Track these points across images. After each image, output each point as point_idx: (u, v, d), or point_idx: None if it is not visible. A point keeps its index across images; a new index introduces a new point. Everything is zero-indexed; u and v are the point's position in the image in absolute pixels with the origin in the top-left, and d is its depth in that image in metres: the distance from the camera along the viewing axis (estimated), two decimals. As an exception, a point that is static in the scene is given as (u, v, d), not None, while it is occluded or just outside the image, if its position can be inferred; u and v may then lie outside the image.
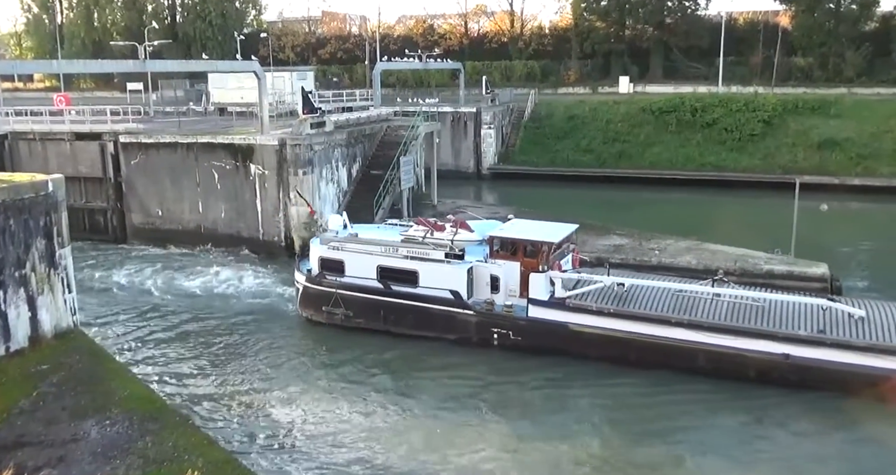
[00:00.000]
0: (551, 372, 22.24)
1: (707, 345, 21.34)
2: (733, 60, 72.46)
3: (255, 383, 22.02)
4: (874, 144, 51.36)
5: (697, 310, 22.06)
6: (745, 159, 52.98)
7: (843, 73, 68.30)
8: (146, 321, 27.25)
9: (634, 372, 21.77)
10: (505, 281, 23.78)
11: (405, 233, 25.77)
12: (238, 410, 20.39)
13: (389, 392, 21.53)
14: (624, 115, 58.33)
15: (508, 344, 23.49)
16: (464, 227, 25.58)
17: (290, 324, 26.63)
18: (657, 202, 46.97)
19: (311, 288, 26.03)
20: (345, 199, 37.62)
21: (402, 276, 24.59)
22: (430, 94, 66.38)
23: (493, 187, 54.36)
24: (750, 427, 19.35)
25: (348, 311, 25.25)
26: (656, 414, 20.00)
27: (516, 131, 59.84)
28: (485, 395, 21.23)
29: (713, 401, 20.47)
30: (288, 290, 29.57)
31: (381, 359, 23.55)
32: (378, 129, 41.62)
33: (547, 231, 24.42)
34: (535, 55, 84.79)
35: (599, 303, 22.75)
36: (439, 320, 24.20)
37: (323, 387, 21.87)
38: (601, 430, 19.18)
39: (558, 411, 20.21)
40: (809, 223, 26.25)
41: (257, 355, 24.09)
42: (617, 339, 22.28)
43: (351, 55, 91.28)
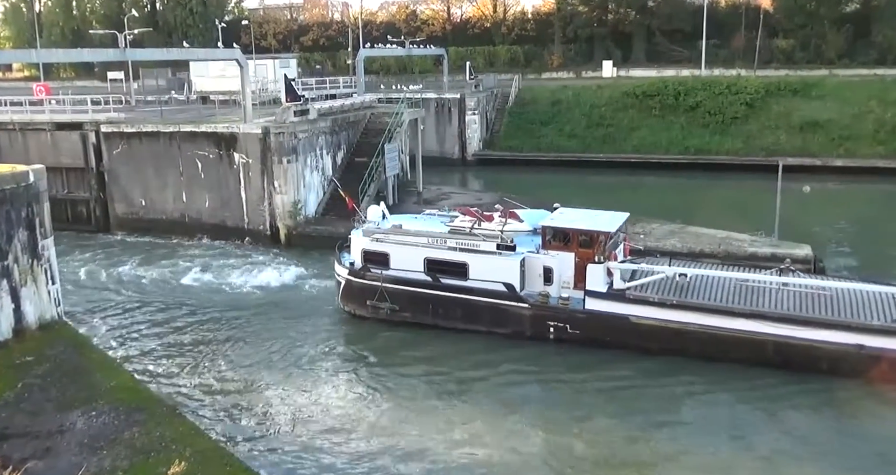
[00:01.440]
0: (614, 367, 21.50)
1: (775, 337, 20.65)
2: (716, 43, 72.61)
3: (248, 374, 21.96)
4: (855, 126, 51.68)
5: (764, 301, 21.41)
6: (728, 142, 53.17)
7: (824, 54, 68.65)
8: (131, 312, 27.14)
9: (700, 365, 21.07)
10: (559, 272, 22.92)
11: (450, 223, 25.00)
12: (230, 401, 20.29)
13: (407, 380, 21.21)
14: (608, 99, 58.36)
15: (565, 337, 22.71)
16: (513, 217, 24.74)
17: (282, 313, 26.49)
18: (641, 186, 47.12)
19: (355, 281, 25.06)
20: (330, 186, 37.51)
21: (451, 269, 23.74)
22: (414, 81, 66.11)
23: (478, 173, 54.35)
24: (831, 422, 18.69)
25: (394, 305, 24.39)
26: (729, 411, 19.18)
27: (501, 117, 59.78)
28: (547, 391, 20.65)
29: (782, 396, 19.83)
30: (271, 280, 29.59)
31: (419, 355, 22.95)
32: (362, 116, 41.46)
33: (600, 220, 23.49)
34: (518, 40, 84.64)
35: (661, 294, 21.99)
36: (491, 314, 23.38)
37: (327, 377, 21.88)
38: (672, 429, 18.45)
39: (631, 411, 19.30)
40: (792, 205, 26.45)
41: (248, 345, 23.97)
42: (681, 332, 21.57)
43: (334, 42, 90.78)
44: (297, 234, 34.75)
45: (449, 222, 25.28)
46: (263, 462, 17.08)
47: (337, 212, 36.32)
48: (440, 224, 25.46)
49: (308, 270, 30.76)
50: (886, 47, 66.98)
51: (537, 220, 24.65)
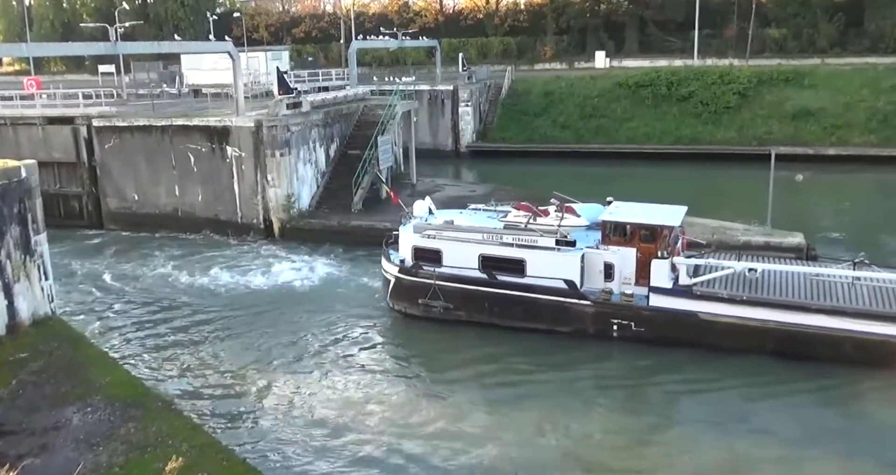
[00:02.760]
0: (685, 365, 20.99)
1: (854, 333, 20.09)
2: (708, 33, 72.56)
3: (248, 369, 21.91)
4: (847, 114, 51.81)
5: (838, 296, 20.92)
6: (721, 132, 53.27)
7: (816, 43, 68.69)
8: (125, 307, 27.08)
9: (775, 363, 20.61)
10: (619, 268, 22.29)
11: (504, 219, 24.32)
12: (228, 396, 20.27)
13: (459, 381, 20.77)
14: (600, 90, 58.33)
15: (629, 335, 22.09)
16: (570, 212, 23.98)
17: (276, 307, 26.49)
18: (635, 176, 47.11)
19: (405, 279, 24.33)
20: (323, 179, 37.46)
21: (508, 265, 23.04)
22: (407, 73, 65.94)
23: (471, 165, 54.29)
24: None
25: (448, 304, 23.70)
26: (812, 411, 18.72)
27: (494, 108, 59.69)
28: (619, 394, 20.10)
29: (866, 395, 19.40)
30: (264, 275, 29.59)
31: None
32: (355, 108, 41.37)
33: (661, 214, 22.81)
34: (511, 31, 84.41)
35: (730, 290, 21.45)
36: (551, 311, 22.74)
37: (329, 372, 21.90)
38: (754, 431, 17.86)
39: (709, 415, 18.72)
40: (785, 193, 26.55)
41: (250, 339, 23.89)
42: (753, 329, 20.97)
43: (326, 34, 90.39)
44: (290, 227, 34.69)
45: (502, 217, 24.48)
46: (263, 458, 17.09)
47: (330, 205, 36.35)
48: (488, 219, 24.88)
49: (303, 263, 30.73)
50: (878, 36, 67.05)
51: (591, 214, 24.19)
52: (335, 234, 33.74)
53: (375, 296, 26.60)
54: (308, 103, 37.14)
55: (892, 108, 51.15)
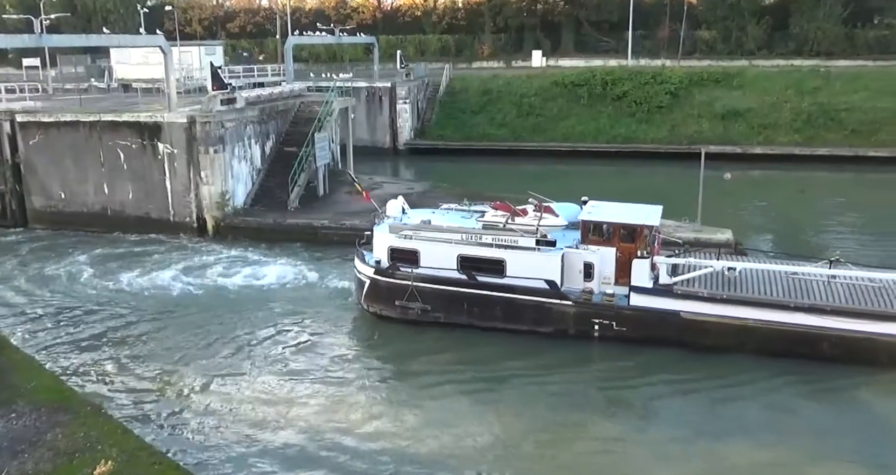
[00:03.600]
0: (666, 365, 21.01)
1: (832, 330, 20.37)
2: (641, 34, 74.06)
3: (181, 371, 21.46)
4: (774, 114, 53.55)
5: (816, 294, 21.13)
6: (654, 131, 54.46)
7: (744, 45, 70.80)
8: (51, 309, 26.18)
9: (754, 361, 20.76)
10: (599, 268, 22.28)
11: (482, 219, 23.91)
12: (160, 399, 19.79)
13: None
14: (537, 88, 58.97)
15: (611, 335, 22.07)
16: (548, 212, 23.78)
17: (212, 308, 26.01)
18: (571, 174, 47.77)
19: (381, 281, 23.88)
20: (258, 177, 36.93)
21: (487, 266, 22.77)
22: (344, 69, 65.46)
23: (409, 162, 54.26)
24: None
25: (426, 305, 23.36)
26: (791, 409, 18.88)
27: (432, 106, 59.76)
28: (607, 395, 19.92)
29: (841, 390, 19.73)
30: (197, 275, 29.03)
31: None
32: (291, 105, 40.88)
33: (639, 213, 22.84)
34: (449, 29, 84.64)
35: (711, 288, 21.54)
36: (531, 312, 22.60)
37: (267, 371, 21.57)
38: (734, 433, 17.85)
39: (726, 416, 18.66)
40: (715, 191, 27.28)
41: (182, 341, 23.38)
42: (733, 327, 21.14)
43: (261, 29, 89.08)
44: (225, 225, 34.10)
45: (479, 218, 24.11)
46: (199, 462, 16.74)
47: (266, 202, 35.85)
48: (464, 219, 24.59)
49: (239, 261, 30.25)
50: (803, 39, 69.48)
51: (567, 213, 24.15)
52: (271, 232, 33.32)
53: (349, 299, 26.00)
54: (243, 99, 36.55)
55: (816, 108, 53.09)
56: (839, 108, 52.79)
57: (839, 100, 53.45)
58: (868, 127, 51.50)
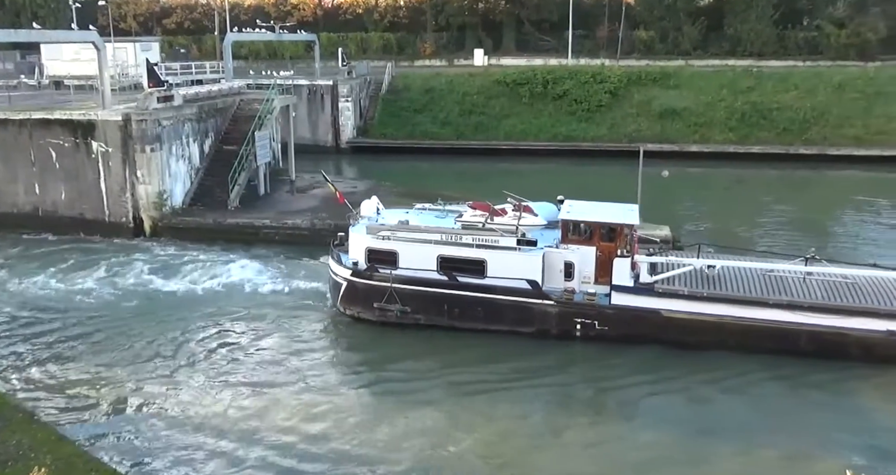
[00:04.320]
0: (647, 363, 21.12)
1: (809, 326, 20.82)
2: (581, 34, 75.09)
3: (120, 375, 20.94)
4: (709, 113, 54.94)
5: (793, 291, 21.55)
6: (594, 129, 55.30)
7: (681, 46, 72.38)
8: (-19, 313, 25.29)
9: (734, 358, 21.08)
10: (580, 267, 22.31)
11: (461, 219, 23.81)
12: (96, 405, 19.28)
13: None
14: (479, 87, 59.29)
15: (593, 334, 22.12)
16: (527, 211, 23.83)
17: (152, 311, 25.46)
18: (514, 173, 48.19)
19: (359, 283, 23.54)
20: (197, 176, 36.27)
21: (467, 266, 22.62)
22: (285, 67, 64.70)
23: (352, 161, 53.97)
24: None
25: (405, 307, 23.10)
26: (769, 403, 19.21)
27: (374, 104, 59.54)
28: (589, 394, 20.10)
29: (821, 384, 20.05)
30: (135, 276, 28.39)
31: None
32: (231, 102, 40.26)
33: (618, 212, 22.90)
34: (390, 27, 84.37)
35: (690, 287, 21.76)
36: (513, 312, 22.55)
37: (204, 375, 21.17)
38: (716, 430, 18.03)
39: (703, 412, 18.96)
40: (653, 188, 27.66)
41: (120, 345, 22.81)
42: (714, 324, 21.41)
43: (199, 25, 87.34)
44: (162, 225, 33.40)
45: (458, 218, 24.03)
46: (138, 467, 16.37)
47: (206, 202, 35.26)
48: (438, 218, 24.43)
49: (178, 262, 29.67)
50: (736, 40, 71.36)
51: (544, 213, 24.15)
52: (211, 232, 32.76)
53: (325, 301, 25.58)
54: (180, 97, 35.85)
55: (749, 107, 54.64)
56: (771, 107, 54.45)
57: (771, 99, 55.13)
58: (798, 125, 53.27)
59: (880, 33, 68.15)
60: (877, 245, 32.48)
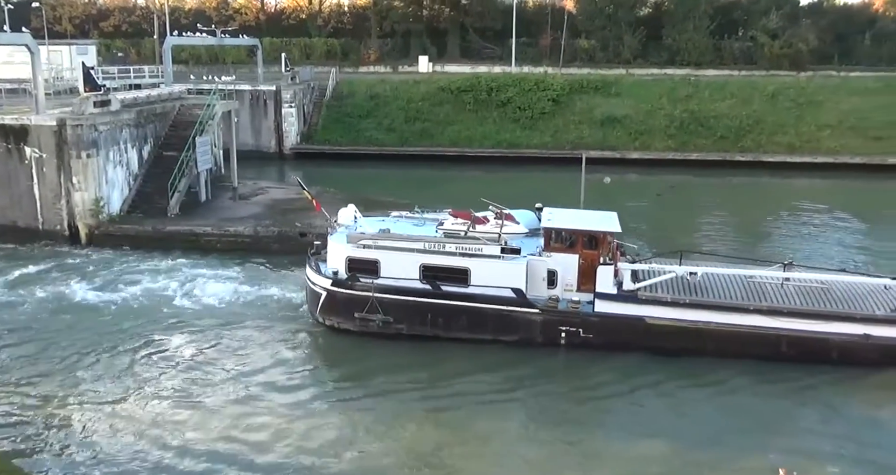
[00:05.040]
0: (631, 370, 21.13)
1: (789, 331, 21.15)
2: (524, 42, 75.95)
3: (66, 390, 20.26)
4: (649, 121, 56.08)
5: (772, 297, 21.88)
6: (537, 136, 55.90)
7: (621, 54, 73.76)
8: None
9: (716, 363, 21.25)
10: (563, 275, 22.27)
11: (442, 227, 23.60)
12: (35, 423, 18.59)
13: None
14: (424, 94, 59.40)
15: (577, 342, 22.04)
16: (509, 219, 23.66)
17: (83, 324, 24.69)
18: (458, 179, 48.40)
19: (340, 292, 23.02)
20: (136, 182, 35.45)
21: (451, 275, 22.37)
22: (227, 72, 63.83)
23: (296, 167, 53.32)
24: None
25: (388, 317, 22.69)
26: (750, 408, 19.35)
27: (318, 110, 59.13)
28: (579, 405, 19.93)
29: (806, 388, 20.33)
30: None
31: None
32: (171, 107, 39.47)
33: (598, 220, 22.99)
34: (335, 33, 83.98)
35: (673, 293, 21.94)
36: (497, 321, 22.36)
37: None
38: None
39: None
40: (595, 194, 28.10)
41: (55, 358, 22.01)
42: (696, 331, 21.56)
43: (138, 29, 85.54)
44: (99, 233, 32.50)
45: (439, 226, 23.80)
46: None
47: (145, 209, 34.48)
48: (414, 227, 24.16)
49: (114, 271, 28.88)
50: (675, 49, 73.06)
51: (524, 221, 24.05)
52: (151, 240, 32.02)
53: (300, 310, 25.00)
54: (118, 101, 35.03)
55: (688, 115, 55.95)
56: (708, 115, 55.86)
57: (708, 107, 56.55)
58: (735, 133, 54.73)
59: (811, 44, 70.60)
60: (809, 248, 33.54)
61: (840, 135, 54.10)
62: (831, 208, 41.44)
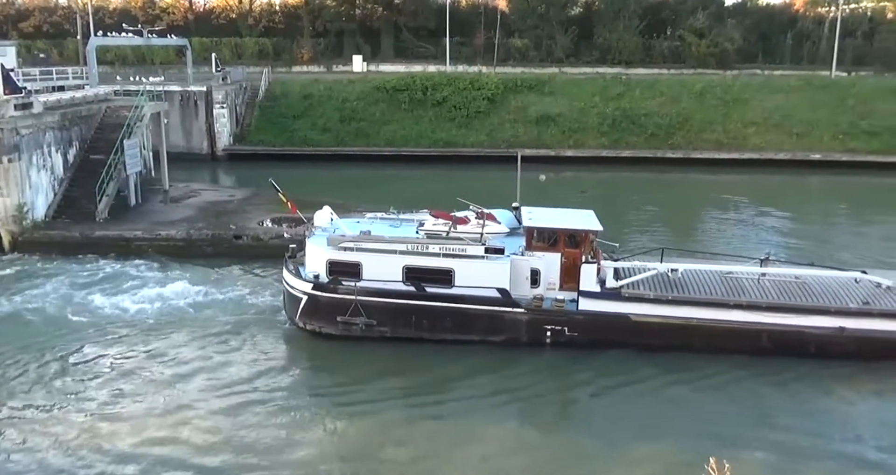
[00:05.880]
0: (613, 367, 21.14)
1: (769, 326, 21.54)
2: (458, 41, 76.24)
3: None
4: (582, 119, 56.92)
5: (751, 292, 22.22)
6: (473, 135, 56.17)
7: (554, 53, 74.78)
8: None
9: (698, 359, 21.38)
10: (545, 274, 22.26)
11: (423, 228, 23.26)
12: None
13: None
14: (359, 93, 59.05)
15: (563, 341, 22.01)
16: (490, 219, 23.45)
17: (18, 335, 23.72)
18: (395, 178, 48.29)
19: (321, 296, 22.55)
20: (61, 187, 34.28)
21: (434, 276, 22.12)
22: (155, 73, 62.26)
23: (229, 169, 52.50)
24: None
25: (371, 320, 22.30)
26: (732, 402, 19.44)
27: (251, 111, 58.21)
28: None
29: (773, 381, 20.53)
30: None
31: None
32: (97, 109, 38.30)
33: (579, 218, 23.11)
34: (266, 32, 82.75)
35: (656, 291, 22.06)
36: (483, 321, 22.20)
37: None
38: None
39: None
40: (531, 192, 28.37)
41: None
42: (680, 327, 21.76)
43: (60, 29, 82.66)
44: (24, 240, 31.28)
45: (420, 227, 23.47)
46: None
47: (71, 214, 33.38)
48: (390, 227, 23.79)
49: (41, 279, 27.83)
50: (606, 48, 74.38)
51: (503, 221, 23.97)
52: (78, 246, 30.93)
53: (280, 316, 24.29)
54: (41, 104, 33.79)
55: (619, 113, 56.98)
56: (640, 113, 56.98)
57: (639, 105, 57.71)
58: (665, 130, 55.99)
59: (736, 43, 72.82)
60: (736, 239, 34.56)
61: (765, 132, 55.91)
62: (757, 202, 42.83)
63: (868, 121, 56.09)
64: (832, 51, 70.34)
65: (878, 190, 49.06)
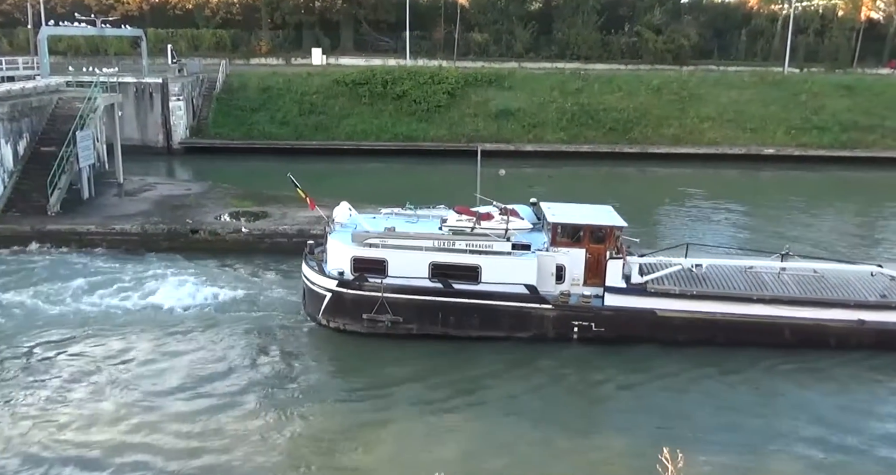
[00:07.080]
0: (643, 363, 21.14)
1: (790, 319, 21.91)
2: (419, 35, 76.09)
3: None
4: (542, 114, 57.26)
5: (771, 286, 22.55)
6: (434, 129, 56.12)
7: (513, 48, 75.14)
8: None
9: (723, 353, 21.62)
10: (570, 269, 22.27)
11: (447, 224, 22.92)
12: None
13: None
14: (318, 87, 58.58)
15: (590, 336, 22.10)
16: (514, 215, 23.21)
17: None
18: (356, 172, 48.05)
19: (347, 293, 22.28)
20: (11, 180, 33.46)
21: (461, 273, 22.02)
22: (109, 63, 61.02)
23: (185, 162, 51.71)
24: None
25: (397, 317, 22.12)
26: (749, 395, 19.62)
27: (208, 103, 57.36)
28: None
29: (811, 373, 20.76)
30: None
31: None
32: (48, 101, 37.45)
33: (602, 214, 23.20)
34: (224, 24, 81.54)
35: (681, 286, 22.28)
36: (510, 317, 22.18)
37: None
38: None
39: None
40: (491, 186, 28.46)
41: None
42: (704, 322, 22.03)
43: (9, 18, 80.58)
44: (-28, 235, 30.54)
45: (443, 223, 23.16)
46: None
47: (22, 208, 32.61)
48: (406, 223, 23.56)
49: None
50: (565, 44, 74.93)
51: (525, 216, 23.91)
52: (29, 240, 30.27)
53: (300, 313, 23.81)
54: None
55: (578, 108, 57.45)
56: (598, 108, 57.55)
57: (597, 100, 58.27)
58: (623, 125, 56.62)
59: (692, 40, 73.91)
60: (692, 233, 35.09)
61: (720, 126, 56.89)
62: (713, 195, 43.61)
63: (819, 116, 57.50)
64: (785, 48, 71.89)
65: (827, 183, 50.32)
